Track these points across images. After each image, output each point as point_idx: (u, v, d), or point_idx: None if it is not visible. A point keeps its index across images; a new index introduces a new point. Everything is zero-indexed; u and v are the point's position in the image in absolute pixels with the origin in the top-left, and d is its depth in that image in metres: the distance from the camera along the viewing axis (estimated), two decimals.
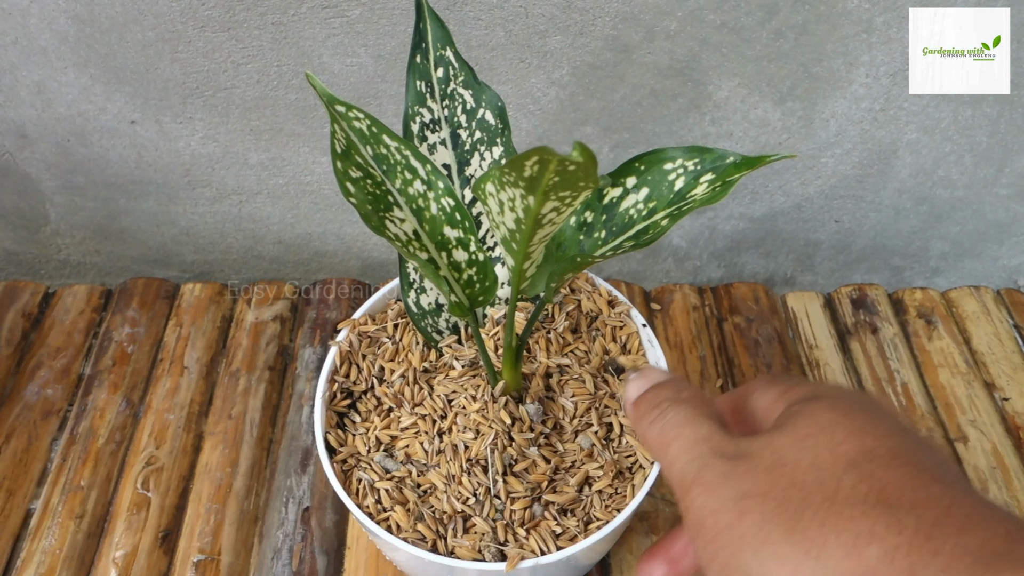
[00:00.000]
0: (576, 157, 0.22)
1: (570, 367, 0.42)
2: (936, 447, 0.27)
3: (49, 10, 0.52)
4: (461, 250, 0.35)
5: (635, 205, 0.35)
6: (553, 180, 0.24)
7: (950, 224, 0.69)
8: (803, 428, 0.25)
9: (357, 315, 0.44)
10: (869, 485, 0.23)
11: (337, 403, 0.41)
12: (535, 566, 0.36)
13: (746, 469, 0.25)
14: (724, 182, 0.32)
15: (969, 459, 0.55)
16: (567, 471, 0.39)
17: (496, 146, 0.39)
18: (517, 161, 0.24)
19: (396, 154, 0.32)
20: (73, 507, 0.50)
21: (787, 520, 0.23)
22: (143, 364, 0.58)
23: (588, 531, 0.38)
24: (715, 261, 0.72)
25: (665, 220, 0.34)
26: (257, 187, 0.64)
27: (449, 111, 0.38)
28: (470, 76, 0.38)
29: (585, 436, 0.40)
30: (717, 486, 0.25)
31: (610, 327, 0.45)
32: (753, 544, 0.23)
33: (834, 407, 0.26)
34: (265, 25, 0.52)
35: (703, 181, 0.33)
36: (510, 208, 0.28)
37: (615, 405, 0.42)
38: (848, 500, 0.22)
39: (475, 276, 0.36)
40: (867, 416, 0.25)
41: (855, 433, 0.24)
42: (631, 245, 0.34)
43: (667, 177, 0.34)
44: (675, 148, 0.34)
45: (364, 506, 0.38)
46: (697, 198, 0.33)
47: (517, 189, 0.26)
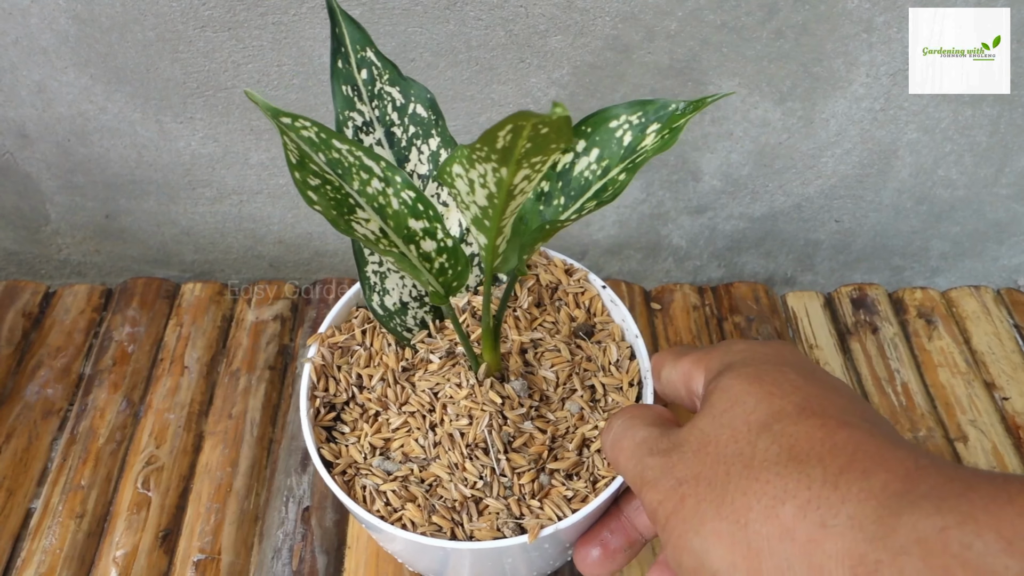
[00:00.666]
0: (558, 114, 0.22)
1: (542, 340, 0.43)
2: (845, 386, 0.27)
3: (49, 10, 0.52)
4: (429, 240, 0.36)
5: (588, 167, 0.36)
6: (526, 147, 0.25)
7: (950, 224, 0.69)
8: (718, 405, 0.27)
9: (323, 328, 0.44)
10: (780, 445, 0.23)
11: (322, 418, 0.41)
12: (556, 532, 0.36)
13: (678, 458, 0.26)
14: (671, 129, 0.33)
15: (969, 459, 0.55)
16: (563, 438, 0.40)
17: (432, 138, 0.40)
18: (490, 134, 0.24)
19: (349, 156, 0.32)
20: (73, 507, 0.50)
21: (716, 496, 0.24)
22: (143, 364, 0.58)
23: (596, 489, 0.38)
24: (715, 261, 0.72)
25: (622, 175, 0.34)
26: (257, 187, 0.64)
27: (380, 111, 0.38)
28: (395, 73, 0.38)
29: (572, 402, 0.41)
30: (658, 481, 0.26)
31: (571, 295, 0.46)
32: (694, 525, 0.24)
33: (743, 375, 0.27)
34: (266, 25, 0.52)
35: (650, 132, 0.34)
36: (481, 185, 0.28)
37: (593, 367, 0.43)
38: (763, 464, 0.23)
39: (446, 263, 0.36)
40: (775, 375, 0.26)
41: (764, 397, 0.25)
42: (594, 205, 0.34)
43: (614, 135, 0.35)
44: (617, 106, 0.35)
45: (375, 511, 0.38)
46: (648, 148, 0.34)
47: (489, 164, 0.26)
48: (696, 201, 0.66)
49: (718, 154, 0.62)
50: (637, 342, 0.43)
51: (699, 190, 0.65)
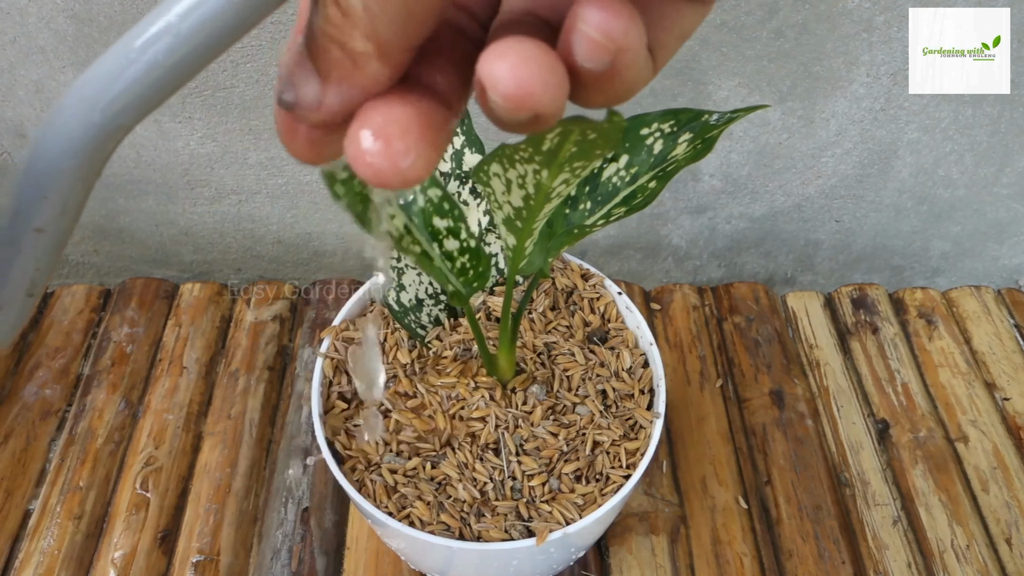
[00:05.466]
0: (615, 122, 0.22)
1: (556, 343, 0.44)
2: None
3: (47, 9, 0.51)
4: (452, 239, 0.36)
5: (617, 173, 0.36)
6: (571, 151, 0.24)
7: (951, 224, 0.69)
8: None
9: (336, 321, 0.44)
10: None
11: (336, 411, 0.41)
12: (564, 535, 0.36)
13: None
14: (704, 140, 0.33)
15: (970, 459, 0.55)
16: (574, 441, 0.40)
17: (456, 136, 0.39)
18: (538, 136, 0.24)
19: None
20: (72, 507, 0.50)
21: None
22: (142, 364, 0.58)
23: (606, 493, 0.38)
24: (715, 261, 0.72)
25: (652, 183, 0.34)
26: (256, 187, 0.63)
27: None
28: None
29: (584, 406, 0.41)
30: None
31: (587, 299, 0.46)
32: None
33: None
34: (264, 24, 0.52)
35: (682, 141, 0.34)
36: (519, 185, 0.28)
37: (605, 373, 0.43)
38: None
39: (468, 263, 0.36)
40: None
41: None
42: (623, 211, 0.34)
43: (644, 142, 0.35)
44: (649, 113, 0.35)
45: (383, 507, 0.38)
46: (680, 158, 0.34)
47: (531, 165, 0.26)
48: (696, 201, 0.66)
49: (718, 154, 0.62)
50: (652, 350, 0.43)
51: (699, 190, 0.65)
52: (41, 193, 0.16)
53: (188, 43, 0.14)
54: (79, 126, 0.15)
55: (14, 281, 0.17)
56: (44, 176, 0.16)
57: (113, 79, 0.15)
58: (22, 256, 0.17)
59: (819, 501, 0.52)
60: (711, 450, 0.54)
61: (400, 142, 0.15)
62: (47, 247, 0.17)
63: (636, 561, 0.49)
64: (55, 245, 0.17)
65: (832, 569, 0.49)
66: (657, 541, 0.50)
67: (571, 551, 0.40)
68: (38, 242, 0.17)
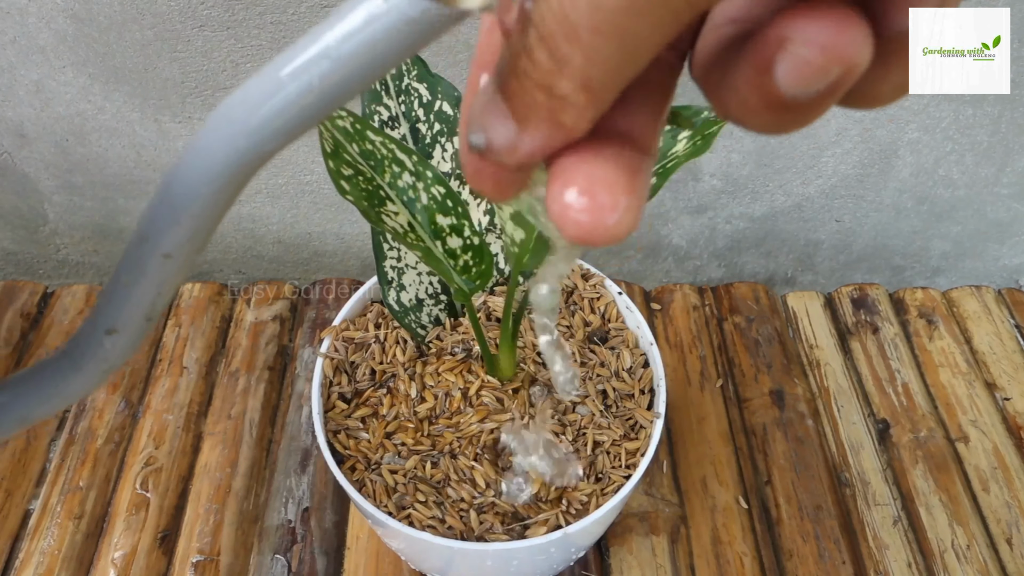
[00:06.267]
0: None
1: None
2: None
3: (47, 9, 0.51)
4: (455, 236, 0.36)
5: None
6: None
7: (951, 223, 0.69)
8: None
9: (336, 321, 0.44)
10: None
11: (336, 411, 0.41)
12: (564, 535, 0.36)
13: None
14: (703, 136, 0.33)
15: (970, 459, 0.55)
16: (575, 442, 0.40)
17: (457, 135, 0.40)
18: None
19: (382, 148, 0.32)
20: (72, 507, 0.50)
21: None
22: (142, 364, 0.58)
23: (606, 493, 0.38)
24: (715, 261, 0.72)
25: (652, 179, 0.34)
26: (256, 187, 0.63)
27: (406, 106, 0.39)
28: (423, 69, 0.38)
29: (584, 406, 0.41)
30: None
31: (587, 299, 0.46)
32: None
33: None
34: (264, 24, 0.52)
35: (681, 138, 0.34)
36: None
37: (606, 373, 0.43)
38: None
39: (471, 261, 0.36)
40: None
41: None
42: None
43: None
44: None
45: (383, 506, 0.38)
46: (679, 154, 0.34)
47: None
48: (696, 201, 0.66)
49: (718, 154, 0.62)
50: (652, 350, 0.43)
51: (699, 190, 0.65)
52: (175, 219, 0.15)
53: (345, 68, 0.13)
54: (223, 150, 0.14)
55: (135, 305, 0.17)
56: (180, 200, 0.15)
57: (263, 102, 0.14)
58: (147, 280, 0.16)
59: (819, 501, 0.52)
60: (711, 450, 0.54)
61: (606, 196, 0.14)
62: (172, 273, 0.16)
63: (636, 561, 0.49)
64: (180, 271, 0.16)
65: (832, 569, 0.49)
66: (657, 541, 0.50)
67: (571, 551, 0.40)
68: (165, 268, 0.16)
